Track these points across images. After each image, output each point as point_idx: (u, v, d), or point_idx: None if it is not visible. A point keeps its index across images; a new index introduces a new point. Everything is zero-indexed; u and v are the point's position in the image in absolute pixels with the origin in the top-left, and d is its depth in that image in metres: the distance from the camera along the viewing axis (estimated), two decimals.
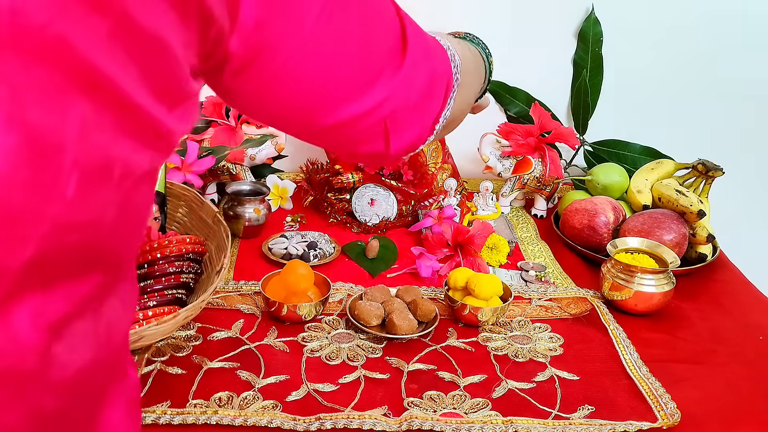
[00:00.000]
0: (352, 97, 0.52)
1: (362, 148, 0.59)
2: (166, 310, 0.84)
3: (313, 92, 0.49)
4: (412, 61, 0.55)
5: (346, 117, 0.52)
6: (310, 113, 0.51)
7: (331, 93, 0.51)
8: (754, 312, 1.05)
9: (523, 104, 1.46)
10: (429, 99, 0.60)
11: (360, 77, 0.51)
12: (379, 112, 0.54)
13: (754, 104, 1.51)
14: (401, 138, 0.59)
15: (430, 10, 1.40)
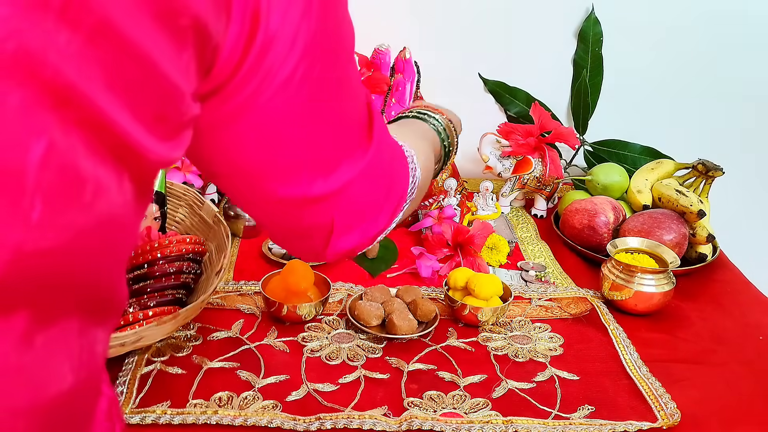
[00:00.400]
0: (310, 174, 0.48)
1: (302, 238, 0.54)
2: (166, 310, 0.84)
3: (276, 153, 0.45)
4: (375, 157, 0.52)
5: (299, 194, 0.48)
6: (265, 176, 0.47)
7: (293, 162, 0.47)
8: (754, 312, 1.05)
9: (523, 104, 1.46)
10: (380, 208, 0.56)
11: (324, 156, 0.48)
12: (332, 203, 0.51)
13: (754, 104, 1.51)
14: (342, 240, 0.55)
15: (430, 10, 1.40)
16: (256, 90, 0.40)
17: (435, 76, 1.29)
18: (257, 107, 0.41)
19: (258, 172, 0.47)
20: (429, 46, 1.35)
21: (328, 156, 0.48)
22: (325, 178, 0.48)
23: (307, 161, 0.47)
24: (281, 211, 0.50)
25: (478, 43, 1.43)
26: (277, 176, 0.47)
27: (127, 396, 0.77)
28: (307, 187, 0.48)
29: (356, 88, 0.49)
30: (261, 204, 0.51)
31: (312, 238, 0.54)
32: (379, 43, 1.21)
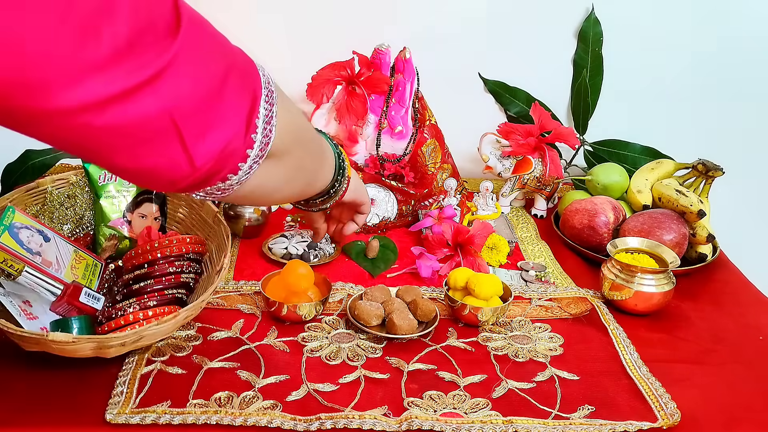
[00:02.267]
0: (94, 67, 0.43)
1: (150, 155, 0.49)
2: (166, 310, 0.84)
3: (27, 52, 0.40)
4: (189, 44, 0.48)
5: (94, 95, 0.43)
6: (30, 91, 0.41)
7: (58, 58, 0.41)
8: (754, 312, 1.05)
9: (523, 104, 1.46)
10: (228, 94, 0.52)
11: (106, 42, 0.43)
12: (156, 99, 0.46)
13: (755, 104, 1.51)
14: (204, 142, 0.51)
15: (430, 10, 1.40)
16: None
17: (435, 76, 1.30)
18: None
19: (25, 74, 0.41)
20: (429, 46, 1.35)
21: (119, 40, 0.43)
22: (123, 64, 0.44)
23: (92, 49, 0.42)
24: (77, 124, 0.45)
25: (478, 43, 1.43)
26: (53, 77, 0.42)
27: (127, 396, 0.77)
28: (106, 84, 0.43)
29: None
30: (47, 121, 0.45)
31: (163, 150, 0.49)
32: (379, 43, 1.21)
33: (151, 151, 0.49)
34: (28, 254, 0.85)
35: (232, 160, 0.54)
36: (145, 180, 0.54)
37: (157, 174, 0.52)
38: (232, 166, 0.55)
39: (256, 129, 0.55)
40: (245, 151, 0.55)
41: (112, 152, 0.49)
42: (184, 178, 0.53)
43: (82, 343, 0.75)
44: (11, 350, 0.81)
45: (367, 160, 1.23)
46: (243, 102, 0.54)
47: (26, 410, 0.75)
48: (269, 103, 0.56)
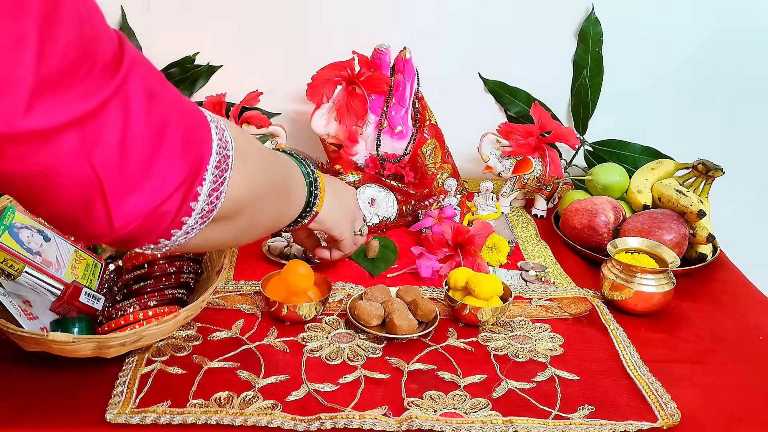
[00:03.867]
0: (18, 90, 0.40)
1: (67, 204, 0.45)
2: (166, 310, 0.84)
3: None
4: (126, 88, 0.44)
5: (12, 125, 0.40)
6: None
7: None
8: (754, 312, 1.05)
9: (523, 104, 1.46)
10: (165, 154, 0.47)
11: (36, 64, 0.40)
12: (75, 140, 0.42)
13: (755, 104, 1.51)
14: (127, 202, 0.46)
15: (430, 10, 1.40)
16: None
17: (435, 76, 1.29)
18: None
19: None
20: (429, 46, 1.35)
21: (24, 68, 0.40)
22: (27, 101, 0.40)
23: (19, 76, 0.39)
24: (12, 158, 0.41)
25: (478, 43, 1.43)
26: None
27: (127, 396, 0.77)
28: (5, 117, 0.40)
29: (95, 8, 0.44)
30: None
31: (81, 202, 0.45)
32: (379, 43, 1.21)
33: (68, 203, 0.46)
34: (28, 254, 0.85)
35: (161, 225, 0.50)
36: (65, 229, 0.51)
37: (76, 226, 0.49)
38: (162, 231, 0.51)
39: (197, 197, 0.50)
40: (180, 219, 0.50)
41: (30, 197, 0.46)
42: (103, 235, 0.49)
43: (82, 343, 0.75)
44: (11, 350, 0.81)
45: (367, 160, 1.23)
46: (182, 165, 0.49)
47: (26, 410, 0.75)
48: (221, 169, 0.52)
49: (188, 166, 0.50)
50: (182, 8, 1.36)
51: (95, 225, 0.48)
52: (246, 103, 1.29)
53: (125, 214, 0.47)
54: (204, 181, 0.51)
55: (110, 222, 0.47)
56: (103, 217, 0.47)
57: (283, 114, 1.42)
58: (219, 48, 1.38)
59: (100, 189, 0.45)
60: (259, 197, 0.61)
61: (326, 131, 1.26)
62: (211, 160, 0.51)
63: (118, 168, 0.45)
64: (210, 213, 0.52)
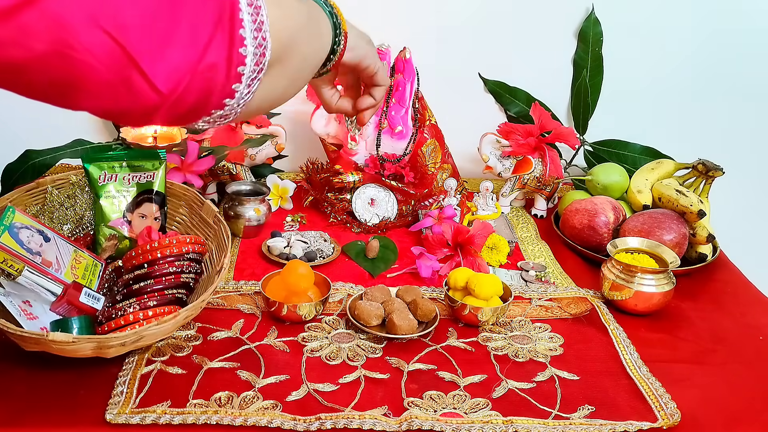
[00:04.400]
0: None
1: (106, 86, 0.42)
2: (166, 310, 0.84)
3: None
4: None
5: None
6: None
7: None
8: (754, 312, 1.05)
9: (523, 104, 1.46)
10: (186, 15, 0.43)
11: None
12: (74, 2, 0.39)
13: (755, 104, 1.51)
14: (162, 63, 0.42)
15: (430, 10, 1.40)
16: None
17: (435, 76, 1.29)
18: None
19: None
20: (429, 46, 1.35)
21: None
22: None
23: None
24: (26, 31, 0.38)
25: (478, 43, 1.43)
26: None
27: (127, 396, 0.77)
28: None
29: None
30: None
31: (114, 77, 0.42)
32: (379, 43, 1.21)
33: (102, 80, 0.42)
34: (28, 254, 0.85)
35: (217, 80, 0.46)
36: (120, 118, 0.47)
37: (127, 110, 0.45)
38: (221, 88, 0.47)
39: (243, 41, 0.46)
40: (236, 70, 0.46)
41: (60, 86, 0.42)
42: (157, 106, 0.45)
43: (82, 343, 0.75)
44: (11, 350, 0.81)
45: (367, 160, 1.23)
46: (208, 6, 0.45)
47: (26, 410, 0.75)
48: (254, 6, 0.47)
49: (216, 7, 0.45)
50: None
51: (142, 98, 0.43)
52: None
53: (166, 72, 0.43)
54: (243, 22, 0.46)
55: (154, 87, 0.43)
56: (145, 84, 0.43)
57: (283, 114, 1.42)
58: None
59: (126, 54, 0.41)
60: (300, 29, 0.56)
61: (326, 131, 1.26)
62: (245, 11, 0.46)
63: (135, 26, 0.41)
64: (263, 57, 0.48)
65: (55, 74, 0.41)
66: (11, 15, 0.37)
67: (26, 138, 1.28)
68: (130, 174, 1.01)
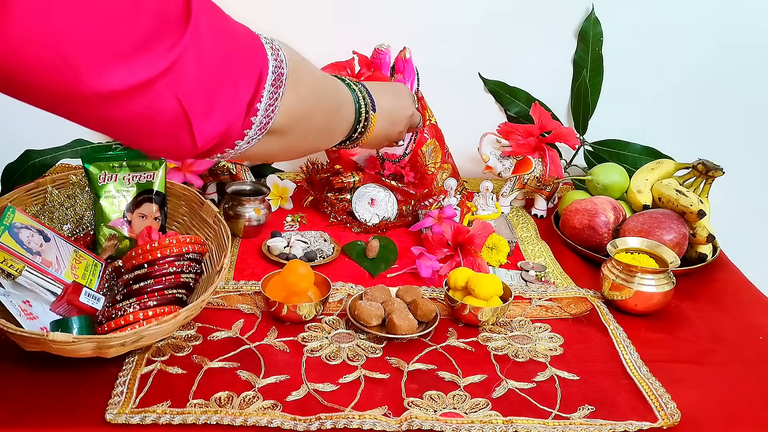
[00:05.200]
0: (121, 57, 0.47)
1: (162, 135, 0.54)
2: (166, 310, 0.84)
3: (67, 41, 0.45)
4: (198, 33, 0.52)
5: (119, 84, 0.48)
6: (68, 74, 0.46)
7: (91, 48, 0.46)
8: (754, 312, 1.05)
9: (523, 104, 1.46)
10: (231, 81, 0.56)
11: (130, 34, 0.47)
12: (166, 84, 0.50)
13: (755, 104, 1.51)
14: (207, 124, 0.55)
15: (430, 10, 1.40)
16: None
17: (435, 76, 1.29)
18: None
19: (55, 63, 0.45)
20: (429, 46, 1.35)
21: (138, 33, 0.47)
22: (140, 57, 0.48)
23: (112, 41, 0.46)
24: (120, 109, 0.50)
25: (478, 43, 1.43)
26: (82, 65, 0.46)
27: (128, 396, 0.77)
28: (123, 71, 0.48)
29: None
30: (85, 107, 0.49)
31: (172, 131, 0.54)
32: (379, 43, 1.21)
33: (163, 133, 0.54)
34: (28, 254, 0.85)
35: (231, 138, 0.58)
36: (161, 155, 0.61)
37: (169, 151, 0.58)
38: (230, 143, 0.59)
39: (257, 112, 0.58)
40: (243, 131, 0.58)
41: (132, 134, 0.54)
42: (187, 154, 0.58)
43: (82, 343, 0.75)
44: (11, 350, 0.81)
45: (367, 160, 1.23)
46: (246, 86, 0.57)
47: (26, 410, 0.75)
48: (276, 86, 0.60)
49: (251, 85, 0.58)
50: None
51: (184, 149, 0.56)
52: None
53: (206, 134, 0.55)
54: (262, 98, 0.58)
55: (194, 143, 0.55)
56: (189, 140, 0.55)
57: None
58: None
59: (186, 118, 0.53)
60: (310, 114, 0.68)
61: None
62: (268, 79, 0.59)
63: (197, 97, 0.53)
64: (266, 125, 0.60)
65: (135, 126, 0.52)
66: (140, 89, 0.49)
67: (26, 138, 1.28)
68: (130, 174, 1.02)
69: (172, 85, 0.51)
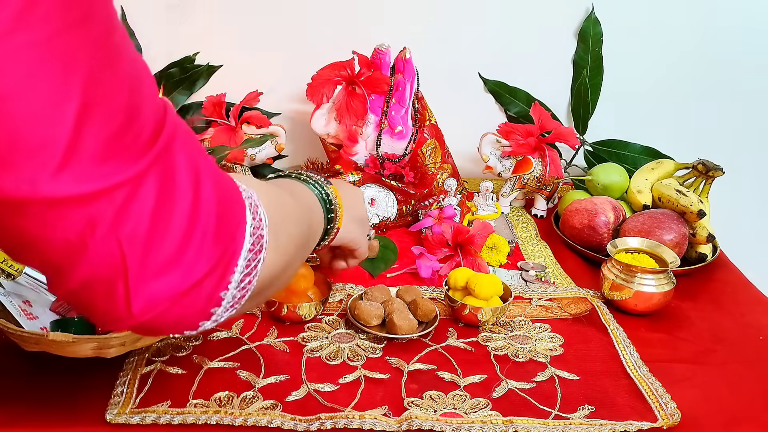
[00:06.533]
0: (37, 163, 0.37)
1: (88, 277, 0.42)
2: None
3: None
4: (161, 167, 0.42)
5: (33, 191, 0.38)
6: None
7: (15, 142, 0.36)
8: (754, 312, 1.05)
9: (523, 104, 1.46)
10: (194, 243, 0.44)
11: (53, 141, 0.37)
12: (106, 210, 0.40)
13: (755, 104, 1.51)
14: (150, 286, 0.43)
15: (430, 10, 1.40)
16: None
17: (435, 76, 1.29)
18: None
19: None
20: (429, 46, 1.35)
21: (60, 142, 0.38)
22: (58, 173, 0.38)
23: (27, 142, 0.37)
24: (27, 231, 0.40)
25: (478, 43, 1.43)
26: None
27: (127, 396, 0.77)
28: (56, 183, 0.38)
29: (144, 72, 0.43)
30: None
31: (104, 281, 0.42)
32: (379, 43, 1.21)
33: (89, 275, 0.42)
34: None
35: (187, 316, 0.46)
36: (80, 309, 0.47)
37: (91, 306, 0.45)
38: (189, 323, 0.47)
39: (228, 285, 0.47)
40: (209, 310, 0.47)
41: (47, 263, 0.43)
42: (120, 320, 0.45)
43: (82, 343, 0.75)
44: (11, 350, 0.81)
45: (367, 160, 1.23)
46: (213, 251, 0.45)
47: (26, 410, 0.75)
48: (254, 251, 0.48)
49: (220, 252, 0.46)
50: (182, 8, 1.36)
51: (113, 308, 0.44)
52: (246, 103, 1.29)
53: (146, 299, 0.43)
54: (236, 268, 0.47)
55: (128, 307, 0.44)
56: (122, 300, 0.43)
57: (283, 114, 1.42)
58: (219, 48, 1.38)
59: (123, 267, 0.42)
60: (290, 264, 0.58)
61: (326, 131, 1.26)
62: (245, 244, 0.47)
63: (144, 247, 0.42)
64: (241, 299, 0.49)
65: (51, 253, 0.41)
66: (67, 204, 0.39)
67: None
68: None
69: (113, 216, 0.40)
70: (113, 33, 0.40)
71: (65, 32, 0.37)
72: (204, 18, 1.37)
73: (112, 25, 0.41)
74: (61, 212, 0.39)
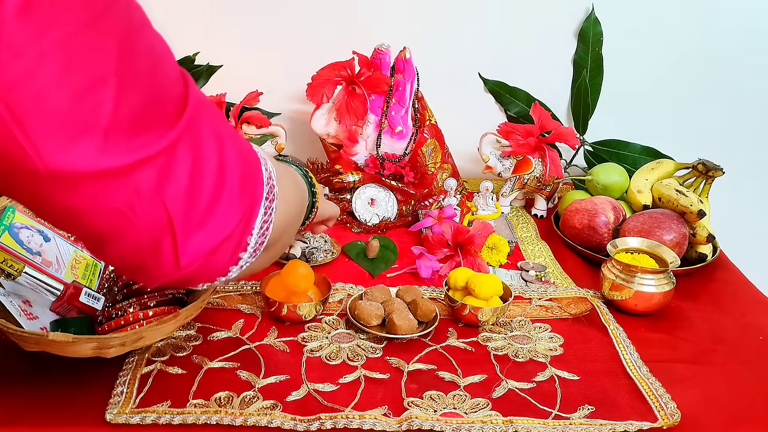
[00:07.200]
0: (97, 133, 0.41)
1: (137, 243, 0.46)
2: (166, 309, 0.84)
3: (35, 107, 0.39)
4: (193, 131, 0.46)
5: (83, 166, 0.41)
6: (32, 147, 0.39)
7: (62, 112, 0.40)
8: (754, 312, 1.05)
9: (523, 104, 1.46)
10: (223, 199, 0.49)
11: (114, 110, 0.41)
12: (151, 177, 0.44)
13: (755, 104, 1.51)
14: (192, 241, 0.48)
15: (430, 10, 1.40)
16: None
17: (435, 76, 1.29)
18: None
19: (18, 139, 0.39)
20: (429, 46, 1.35)
21: (101, 118, 0.41)
22: (104, 148, 0.42)
23: (72, 121, 0.40)
24: (85, 198, 0.43)
25: (478, 43, 1.43)
26: (46, 139, 0.40)
27: (128, 396, 0.77)
28: (83, 155, 0.41)
29: (166, 52, 0.46)
30: (43, 189, 0.42)
31: (153, 238, 0.47)
32: (379, 43, 1.21)
33: (138, 239, 0.47)
34: (28, 254, 0.85)
35: (221, 263, 0.52)
36: (129, 270, 0.52)
37: (141, 266, 0.50)
38: (221, 269, 0.53)
39: (252, 231, 0.53)
40: (237, 255, 0.52)
41: (98, 233, 0.46)
42: (168, 274, 0.50)
43: (82, 343, 0.75)
44: (11, 350, 0.81)
45: (367, 160, 1.23)
46: (240, 204, 0.51)
47: (26, 410, 0.75)
48: (269, 200, 0.54)
49: (245, 205, 0.52)
50: (182, 8, 1.36)
51: (162, 264, 0.49)
52: (246, 103, 1.30)
53: (191, 252, 0.48)
54: (257, 215, 0.53)
55: (177, 261, 0.48)
56: (171, 255, 0.48)
57: (283, 114, 1.42)
58: (219, 48, 1.38)
59: (170, 227, 0.47)
60: (294, 218, 0.64)
61: (326, 131, 1.26)
62: (263, 194, 0.54)
63: (186, 206, 0.47)
64: (261, 245, 0.54)
65: (102, 224, 0.45)
66: (114, 175, 0.43)
67: None
68: None
69: (157, 181, 0.45)
70: (134, 14, 0.44)
71: (94, 23, 0.40)
72: (204, 18, 1.37)
73: (131, 7, 0.44)
74: (110, 184, 0.43)
